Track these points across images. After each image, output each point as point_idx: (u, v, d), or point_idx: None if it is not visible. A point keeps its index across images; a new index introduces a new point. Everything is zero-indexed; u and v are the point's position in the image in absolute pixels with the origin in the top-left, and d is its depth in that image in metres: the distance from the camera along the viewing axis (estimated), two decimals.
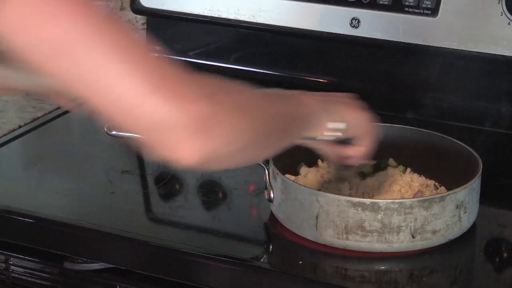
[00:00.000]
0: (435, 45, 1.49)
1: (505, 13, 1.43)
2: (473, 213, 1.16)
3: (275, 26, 1.60)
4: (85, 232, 1.18)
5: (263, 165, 1.18)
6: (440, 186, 1.24)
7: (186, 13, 1.64)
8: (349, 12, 1.54)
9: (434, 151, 1.26)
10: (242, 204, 1.27)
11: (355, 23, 1.54)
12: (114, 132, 1.14)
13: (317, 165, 1.27)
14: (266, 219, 1.20)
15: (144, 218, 1.26)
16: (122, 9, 1.79)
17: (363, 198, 1.15)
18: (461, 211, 1.13)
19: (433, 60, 1.51)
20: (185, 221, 1.23)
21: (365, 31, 1.53)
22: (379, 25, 1.52)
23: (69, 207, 1.25)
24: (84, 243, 1.19)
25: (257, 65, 1.68)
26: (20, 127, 1.52)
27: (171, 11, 1.66)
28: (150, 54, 0.82)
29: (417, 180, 1.26)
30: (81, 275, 1.19)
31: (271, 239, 1.20)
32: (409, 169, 1.28)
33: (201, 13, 1.64)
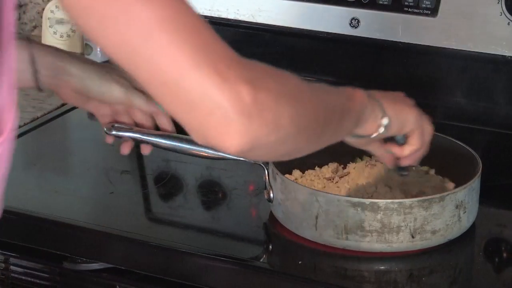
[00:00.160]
0: (435, 45, 1.49)
1: (504, 13, 1.43)
2: (473, 213, 1.16)
3: (275, 26, 1.60)
4: (84, 232, 1.19)
5: (263, 165, 1.18)
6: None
7: None
8: (348, 12, 1.54)
9: (433, 151, 1.26)
10: (241, 204, 1.27)
11: (354, 23, 1.54)
12: (114, 132, 1.14)
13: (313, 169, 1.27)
14: (265, 219, 1.20)
15: (143, 218, 1.26)
16: None
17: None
18: (461, 211, 1.13)
19: (433, 60, 1.51)
20: (184, 221, 1.22)
21: (364, 31, 1.53)
22: (378, 25, 1.52)
23: (68, 207, 1.24)
24: (83, 243, 1.19)
25: None
26: (19, 127, 1.52)
27: None
28: (204, 28, 0.78)
29: (436, 181, 1.24)
30: (81, 275, 1.19)
31: (270, 239, 1.20)
32: (433, 170, 1.26)
33: (201, 13, 1.63)
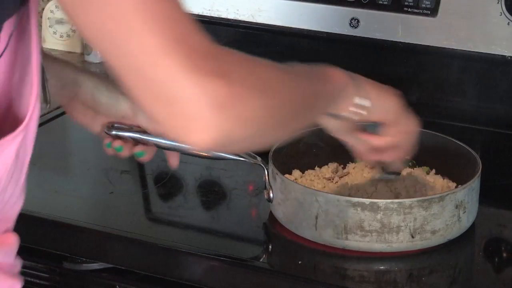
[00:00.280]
0: (434, 45, 1.49)
1: (504, 13, 1.43)
2: (473, 213, 1.16)
3: (275, 26, 1.60)
4: (84, 232, 1.19)
5: (263, 165, 1.18)
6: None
7: None
8: (348, 12, 1.54)
9: (433, 151, 1.26)
10: (241, 204, 1.27)
11: (354, 23, 1.54)
12: (114, 132, 1.14)
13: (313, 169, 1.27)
14: (265, 219, 1.20)
15: (143, 218, 1.26)
16: None
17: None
18: (461, 211, 1.13)
19: (433, 60, 1.51)
20: (184, 221, 1.22)
21: (364, 31, 1.53)
22: (378, 25, 1.52)
23: (68, 207, 1.24)
24: (83, 243, 1.19)
25: None
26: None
27: None
28: (183, 18, 0.75)
29: (439, 181, 1.24)
30: (81, 275, 1.19)
31: (270, 239, 1.20)
32: (433, 171, 1.26)
33: (201, 13, 1.64)
